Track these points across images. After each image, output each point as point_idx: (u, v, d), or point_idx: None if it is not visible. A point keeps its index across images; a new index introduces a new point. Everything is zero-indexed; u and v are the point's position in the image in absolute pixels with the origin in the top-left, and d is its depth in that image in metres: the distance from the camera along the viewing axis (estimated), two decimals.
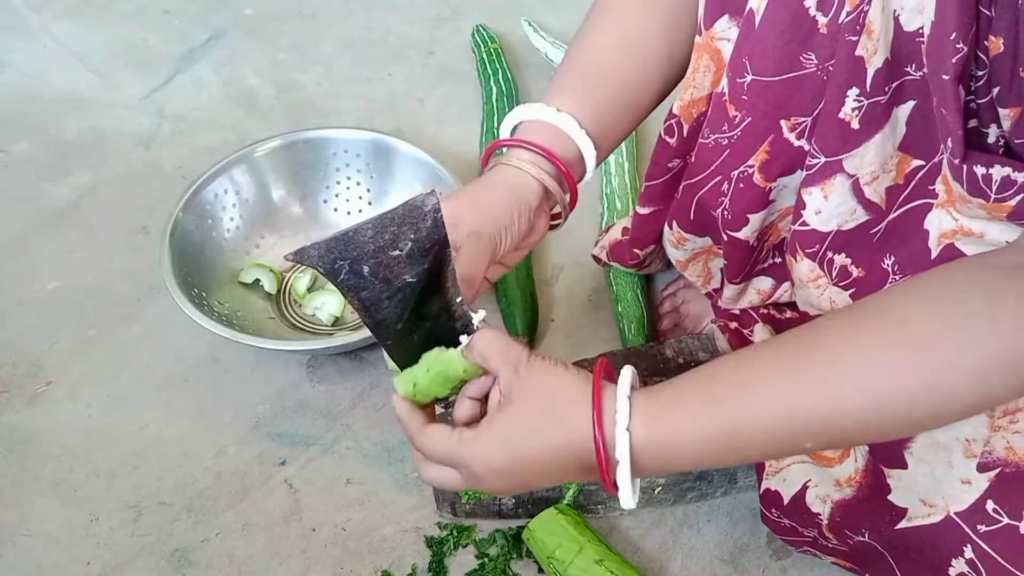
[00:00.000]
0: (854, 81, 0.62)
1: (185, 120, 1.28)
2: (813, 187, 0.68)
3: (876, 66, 0.61)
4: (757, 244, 0.78)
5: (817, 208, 0.69)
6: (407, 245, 0.59)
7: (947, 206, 0.66)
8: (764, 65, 0.65)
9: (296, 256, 0.57)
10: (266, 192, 1.06)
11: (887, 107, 0.64)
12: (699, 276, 0.89)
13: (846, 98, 0.63)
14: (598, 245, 1.01)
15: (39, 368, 0.97)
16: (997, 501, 0.61)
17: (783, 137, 0.68)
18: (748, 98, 0.67)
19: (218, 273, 1.00)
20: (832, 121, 0.64)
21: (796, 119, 0.67)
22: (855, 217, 0.69)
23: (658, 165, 0.81)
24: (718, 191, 0.75)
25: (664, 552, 0.83)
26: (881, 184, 0.68)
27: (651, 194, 0.84)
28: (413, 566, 0.82)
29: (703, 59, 0.71)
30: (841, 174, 0.66)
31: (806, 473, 0.74)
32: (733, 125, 0.70)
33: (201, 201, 1.00)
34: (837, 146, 0.65)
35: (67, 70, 1.36)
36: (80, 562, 0.82)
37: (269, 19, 1.47)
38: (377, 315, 0.61)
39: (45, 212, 1.14)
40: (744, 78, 0.66)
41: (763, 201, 0.73)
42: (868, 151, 0.65)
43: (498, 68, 1.29)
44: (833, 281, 0.73)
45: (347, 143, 1.07)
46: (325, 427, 0.93)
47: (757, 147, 0.70)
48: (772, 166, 0.70)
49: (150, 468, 0.89)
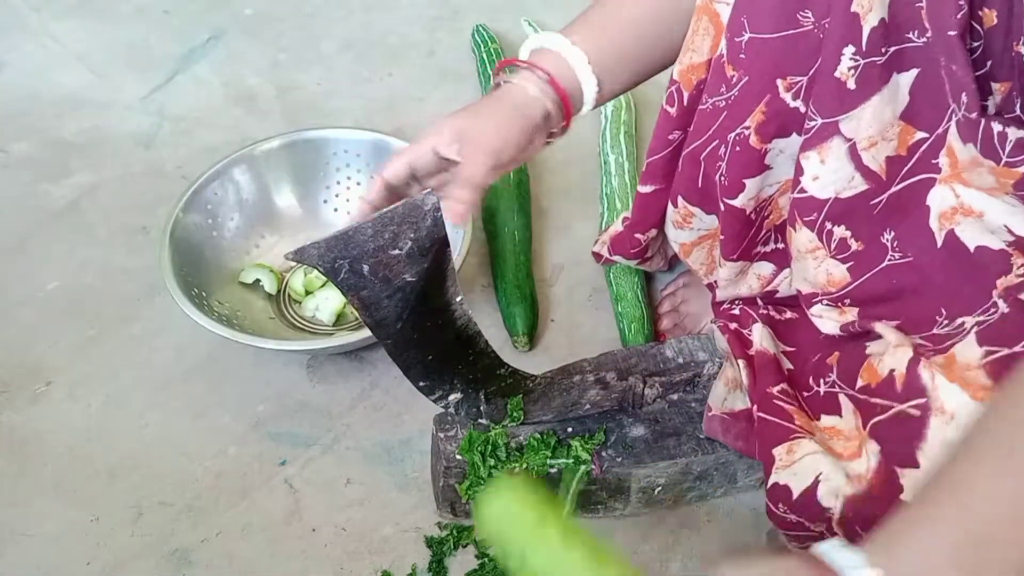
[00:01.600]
0: (849, 38, 0.63)
1: (185, 120, 1.28)
2: (811, 151, 0.68)
3: (872, 24, 0.62)
4: (755, 218, 0.78)
5: (815, 174, 0.69)
6: (407, 244, 0.59)
7: (950, 180, 0.66)
8: (762, 23, 0.66)
9: (296, 255, 0.57)
10: (266, 192, 1.06)
11: (884, 70, 0.64)
12: (703, 264, 0.88)
13: (842, 56, 0.64)
14: (599, 241, 1.01)
15: (39, 368, 0.97)
16: None
17: (779, 97, 0.69)
18: (746, 56, 0.68)
19: (218, 273, 1.00)
20: (828, 80, 0.65)
21: (792, 78, 0.68)
22: (853, 185, 0.69)
23: (659, 139, 0.82)
24: (716, 156, 0.76)
25: (664, 552, 0.83)
26: (880, 152, 0.68)
27: (652, 171, 0.84)
28: (413, 566, 0.82)
29: (702, 21, 0.72)
30: (838, 137, 0.67)
31: (818, 466, 0.73)
32: (731, 85, 0.71)
33: (201, 201, 1.00)
34: (833, 106, 0.66)
35: (67, 70, 1.36)
36: (80, 562, 0.82)
37: (269, 19, 1.47)
38: (377, 314, 0.61)
39: (45, 212, 1.14)
40: (742, 36, 0.68)
41: (759, 164, 0.73)
42: (865, 113, 0.66)
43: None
44: (831, 253, 0.73)
45: (347, 143, 1.07)
46: (325, 427, 0.92)
47: (753, 107, 0.70)
48: (768, 127, 0.71)
49: (150, 468, 0.89)
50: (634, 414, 0.83)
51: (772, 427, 0.73)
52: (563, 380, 0.81)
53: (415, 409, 0.93)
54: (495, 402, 0.78)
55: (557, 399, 0.81)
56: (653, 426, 0.82)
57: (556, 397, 0.80)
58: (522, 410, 0.79)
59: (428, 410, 0.80)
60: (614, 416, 0.82)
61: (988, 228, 0.64)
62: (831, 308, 0.76)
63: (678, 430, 0.82)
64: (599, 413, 0.82)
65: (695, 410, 0.83)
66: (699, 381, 0.85)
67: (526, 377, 0.78)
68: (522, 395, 0.79)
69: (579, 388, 0.81)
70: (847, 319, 0.75)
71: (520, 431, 0.80)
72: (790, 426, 0.73)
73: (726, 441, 0.79)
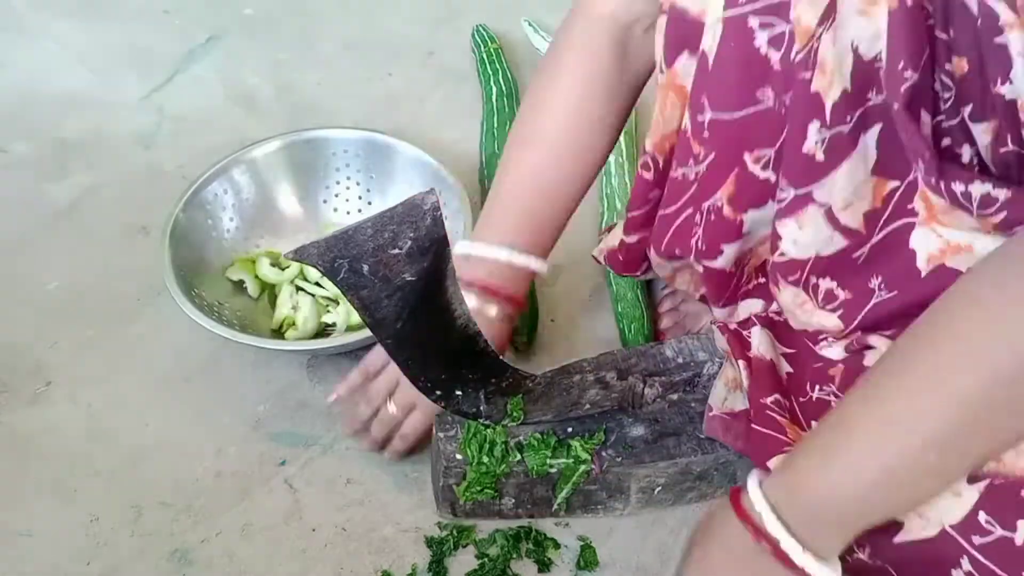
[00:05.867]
0: (813, 115, 0.62)
1: (185, 120, 1.28)
2: (787, 219, 0.68)
3: (834, 99, 0.62)
4: (736, 270, 0.79)
5: (794, 239, 0.69)
6: (407, 244, 0.59)
7: (930, 222, 0.66)
8: (722, 103, 0.66)
9: (296, 254, 0.57)
10: (266, 192, 1.06)
11: (852, 136, 0.64)
12: (688, 284, 0.89)
13: (807, 132, 0.63)
14: (597, 247, 1.01)
15: (39, 368, 0.97)
16: (989, 512, 0.61)
17: (748, 171, 0.69)
18: (709, 135, 0.68)
19: (218, 274, 1.00)
20: (797, 155, 0.65)
21: (759, 152, 0.67)
22: (833, 243, 0.70)
23: (638, 198, 0.82)
24: (691, 223, 0.76)
25: (664, 553, 0.83)
26: (857, 210, 0.68)
27: (634, 224, 0.84)
28: (413, 566, 0.82)
29: (669, 97, 0.71)
30: (812, 204, 0.67)
31: None
32: (698, 160, 0.70)
33: (201, 201, 1.00)
34: (804, 178, 0.65)
35: (67, 70, 1.36)
36: (80, 562, 0.82)
37: (269, 19, 1.47)
38: (377, 314, 0.61)
39: (45, 212, 1.14)
40: (704, 115, 0.67)
41: (736, 233, 0.73)
42: (837, 180, 0.65)
43: (498, 68, 1.29)
44: (819, 305, 0.74)
45: (347, 143, 1.07)
46: (325, 427, 0.92)
47: (723, 181, 0.70)
48: (740, 198, 0.71)
49: (150, 468, 0.89)
50: (634, 414, 0.83)
51: (765, 439, 0.73)
52: (563, 380, 0.81)
53: None
54: (495, 402, 0.78)
55: (557, 399, 0.80)
56: (653, 426, 0.82)
57: (556, 397, 0.80)
58: (522, 410, 0.79)
59: None
60: (614, 416, 0.82)
61: (980, 256, 0.64)
62: (834, 343, 0.77)
63: (678, 430, 0.82)
64: (599, 413, 0.82)
65: (695, 410, 0.83)
66: (699, 381, 0.85)
67: (526, 377, 0.78)
68: (522, 395, 0.79)
69: (579, 388, 0.81)
70: (851, 345, 0.76)
71: (520, 431, 0.80)
72: (783, 438, 0.73)
73: (726, 441, 0.79)
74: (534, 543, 0.83)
